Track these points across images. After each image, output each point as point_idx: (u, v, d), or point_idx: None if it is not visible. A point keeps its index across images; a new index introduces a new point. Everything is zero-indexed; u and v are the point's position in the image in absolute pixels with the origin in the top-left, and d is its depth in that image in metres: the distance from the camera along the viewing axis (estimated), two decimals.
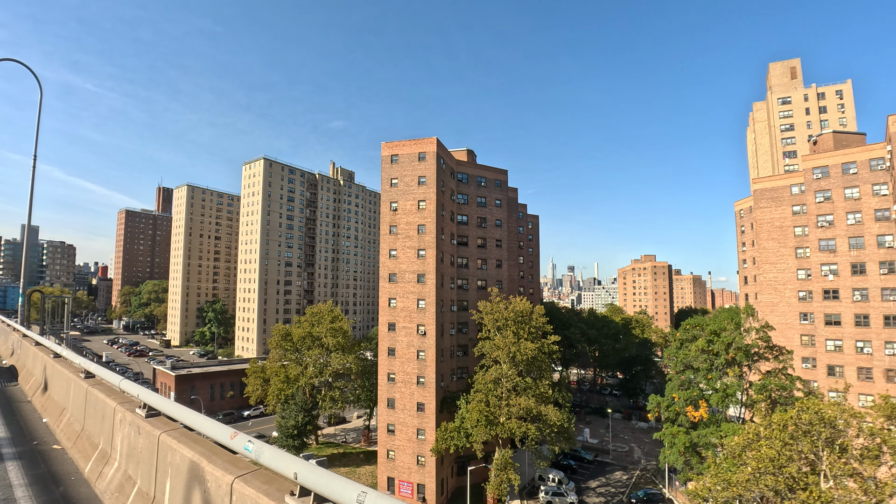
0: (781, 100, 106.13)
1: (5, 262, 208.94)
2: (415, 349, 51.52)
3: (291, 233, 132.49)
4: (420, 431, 50.77)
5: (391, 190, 54.66)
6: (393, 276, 53.48)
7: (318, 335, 66.06)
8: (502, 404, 47.28)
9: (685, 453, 51.15)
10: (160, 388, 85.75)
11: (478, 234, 62.11)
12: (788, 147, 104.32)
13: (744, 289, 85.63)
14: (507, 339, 47.42)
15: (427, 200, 52.62)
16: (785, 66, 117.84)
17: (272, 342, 69.48)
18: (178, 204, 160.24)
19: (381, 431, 52.92)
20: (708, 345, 53.39)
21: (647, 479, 67.02)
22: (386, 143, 55.56)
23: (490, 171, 64.37)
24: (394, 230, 53.97)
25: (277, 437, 59.78)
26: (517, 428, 45.13)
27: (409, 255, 52.77)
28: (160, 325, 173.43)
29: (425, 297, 51.62)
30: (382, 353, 53.40)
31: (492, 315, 49.57)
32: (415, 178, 53.52)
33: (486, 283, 61.92)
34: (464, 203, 61.35)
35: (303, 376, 63.58)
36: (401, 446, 51.41)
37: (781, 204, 70.62)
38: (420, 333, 51.43)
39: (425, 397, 50.78)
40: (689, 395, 52.85)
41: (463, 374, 58.77)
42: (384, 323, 53.48)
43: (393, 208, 54.31)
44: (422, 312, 51.64)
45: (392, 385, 52.39)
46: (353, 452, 67.22)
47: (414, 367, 51.41)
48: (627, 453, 77.59)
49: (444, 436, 47.37)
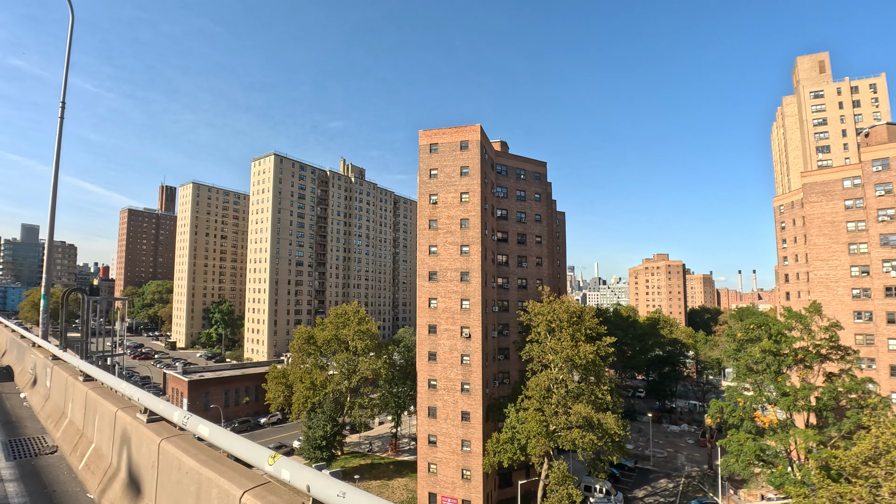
0: (813, 93, 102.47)
1: (5, 263, 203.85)
2: (458, 353, 47.46)
3: (302, 231, 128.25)
4: (465, 443, 46.70)
5: (430, 181, 50.60)
6: (433, 275, 49.40)
7: (344, 338, 61.96)
8: (560, 412, 43.31)
9: (754, 461, 47.29)
10: (171, 394, 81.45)
11: (517, 229, 58.11)
12: (821, 142, 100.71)
13: (784, 287, 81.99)
14: (564, 342, 43.45)
15: (471, 192, 48.60)
16: (813, 59, 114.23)
17: (294, 345, 65.37)
18: (183, 202, 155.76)
19: (421, 443, 48.81)
20: (774, 345, 49.53)
21: (694, 486, 63.28)
22: (424, 132, 51.51)
23: (529, 163, 60.39)
24: (434, 224, 49.89)
25: (304, 448, 55.65)
26: (579, 438, 41.15)
27: (451, 251, 48.72)
28: (165, 326, 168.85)
29: (469, 296, 47.57)
30: (422, 357, 49.30)
31: (544, 316, 45.58)
32: (456, 168, 49.48)
33: (526, 282, 57.95)
34: (503, 196, 57.34)
35: (330, 382, 59.44)
36: (444, 459, 47.33)
37: (833, 198, 66.84)
38: (464, 336, 47.37)
39: (471, 406, 46.72)
40: (755, 398, 49.01)
41: (504, 379, 54.73)
42: (424, 325, 49.39)
43: (432, 201, 50.24)
44: (466, 313, 47.58)
45: (433, 392, 48.31)
46: (381, 463, 63.09)
47: (458, 372, 47.34)
48: (667, 459, 73.79)
49: (496, 448, 43.35)
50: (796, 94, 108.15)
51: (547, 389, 44.35)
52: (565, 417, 42.77)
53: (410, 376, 68.02)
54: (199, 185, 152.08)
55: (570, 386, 43.73)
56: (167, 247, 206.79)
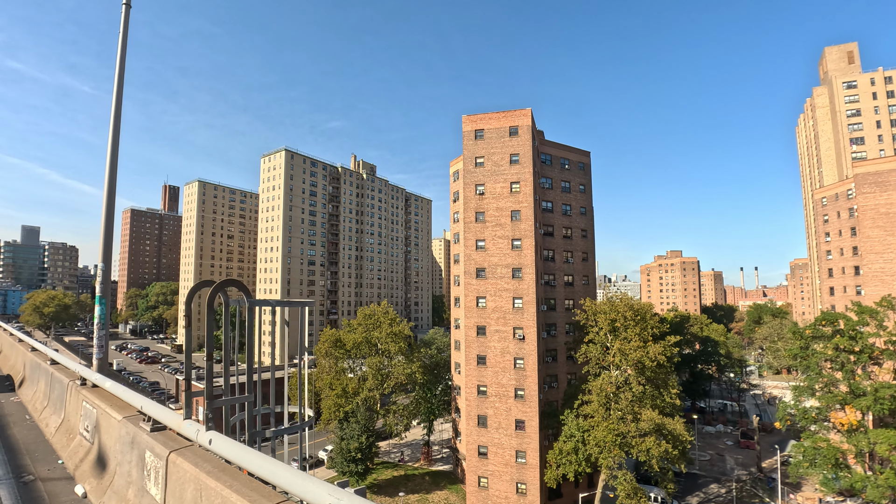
0: (846, 84, 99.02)
1: (5, 265, 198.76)
2: (511, 356, 43.61)
3: (314, 229, 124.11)
4: (520, 454, 42.87)
5: (476, 171, 46.70)
6: (481, 272, 45.52)
7: (375, 341, 57.99)
8: (628, 419, 39.57)
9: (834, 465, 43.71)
10: None
11: (563, 222, 54.26)
12: (855, 133, 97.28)
13: (827, 282, 78.51)
14: (633, 342, 39.71)
15: (522, 182, 44.75)
16: (841, 50, 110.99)
17: (319, 349, 61.32)
18: (188, 201, 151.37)
19: (469, 455, 44.92)
20: (850, 342, 45.95)
21: (748, 491, 59.78)
22: (468, 117, 47.60)
23: (573, 152, 56.56)
24: (481, 217, 46.02)
25: (337, 461, 51.61)
26: (654, 447, 37.41)
27: (500, 245, 44.85)
28: (170, 328, 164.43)
29: (523, 294, 43.73)
30: (470, 361, 45.41)
31: (607, 315, 41.78)
32: (505, 156, 45.61)
33: (572, 279, 54.14)
34: (548, 188, 53.46)
35: (362, 389, 55.46)
36: (495, 472, 43.46)
37: (888, 189, 63.33)
38: (517, 338, 43.51)
39: (526, 413, 42.89)
40: (832, 398, 45.42)
41: (552, 383, 50.90)
42: (471, 326, 45.49)
43: (479, 192, 46.35)
44: (519, 313, 43.73)
45: (483, 399, 44.42)
46: (415, 474, 59.13)
47: (510, 377, 43.49)
48: (711, 462, 70.20)
49: (559, 459, 39.52)
50: (827, 86, 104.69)
51: (612, 394, 40.60)
52: (635, 425, 39.06)
53: (443, 380, 64.22)
54: (204, 184, 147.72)
55: (638, 390, 40.03)
56: (171, 247, 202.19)
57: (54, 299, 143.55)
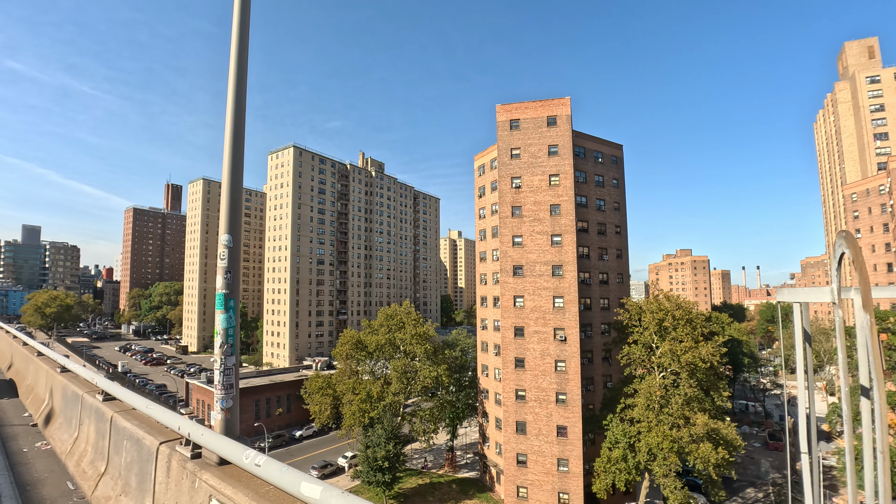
0: (870, 79, 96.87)
1: (5, 265, 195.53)
2: (552, 359, 41.19)
3: (323, 228, 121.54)
4: (562, 462, 40.47)
5: (511, 163, 44.26)
6: (518, 269, 43.08)
7: (399, 342, 55.52)
8: (681, 424, 37.24)
9: None
10: (196, 405, 74.84)
11: (597, 218, 51.85)
12: (879, 128, 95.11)
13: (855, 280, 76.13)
14: (684, 343, 37.37)
15: (562, 174, 42.35)
16: (862, 45, 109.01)
17: (339, 352, 58.78)
18: (192, 199, 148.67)
19: (507, 463, 42.50)
20: None
21: (784, 495, 57.56)
22: (502, 106, 45.14)
23: (606, 145, 54.15)
24: (517, 212, 43.58)
25: (363, 470, 49.08)
26: (711, 454, 35.10)
27: (539, 242, 42.43)
28: (174, 329, 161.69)
29: (564, 293, 41.31)
30: (507, 364, 42.99)
31: (654, 314, 39.41)
32: (543, 147, 43.18)
33: (607, 277, 51.76)
34: (582, 182, 51.01)
35: (387, 393, 52.97)
36: (536, 482, 41.05)
37: None
38: (559, 339, 41.08)
39: (568, 419, 40.47)
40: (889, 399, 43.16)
41: (589, 386, 48.53)
42: (508, 327, 43.06)
43: (515, 185, 43.90)
44: (560, 313, 41.31)
45: (522, 405, 42.00)
46: (442, 482, 56.67)
47: (551, 381, 41.07)
48: (744, 465, 68.01)
49: (608, 468, 37.14)
50: (849, 80, 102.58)
51: (661, 397, 38.23)
52: (687, 430, 36.73)
53: (469, 383, 61.85)
54: (209, 182, 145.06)
55: (691, 392, 37.69)
56: (174, 247, 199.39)
57: (56, 299, 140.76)
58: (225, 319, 4.98)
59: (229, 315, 5.12)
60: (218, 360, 5.04)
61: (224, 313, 5.10)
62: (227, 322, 5.02)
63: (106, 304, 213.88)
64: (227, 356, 4.98)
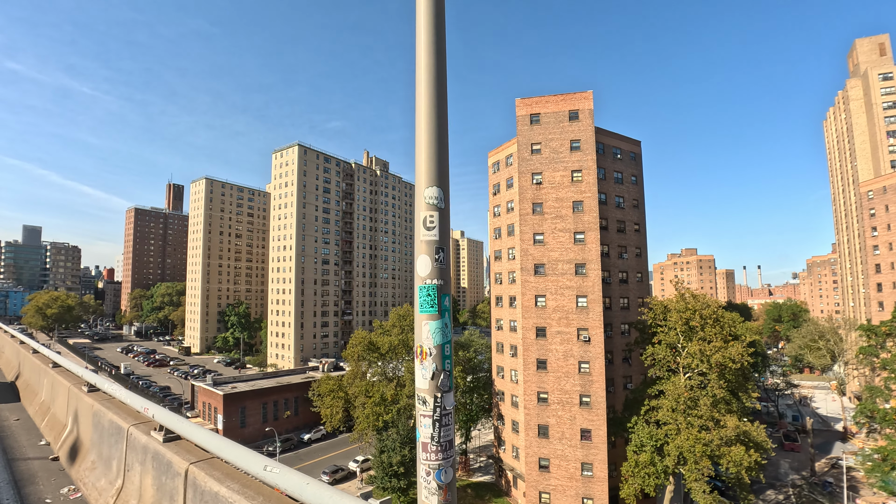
0: (882, 75, 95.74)
1: (6, 266, 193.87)
2: (575, 360, 39.91)
3: (328, 227, 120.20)
4: (585, 466, 39.19)
5: (532, 158, 42.98)
6: (540, 268, 41.80)
7: (413, 344, 54.20)
8: (710, 426, 36.04)
9: None
10: (203, 408, 73.42)
11: (616, 216, 50.60)
12: (892, 126, 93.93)
13: (874, 278, 75.12)
14: (714, 343, 36.17)
15: (584, 170, 41.08)
16: (873, 42, 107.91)
17: (350, 353, 57.48)
18: (195, 199, 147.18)
19: (528, 468, 41.21)
20: None
21: (806, 496, 56.48)
22: (522, 100, 43.87)
23: (624, 142, 52.91)
24: (538, 209, 42.30)
25: (377, 476, 47.75)
26: (744, 457, 33.92)
27: (561, 239, 41.16)
28: (177, 330, 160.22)
29: (587, 292, 40.04)
30: (528, 366, 41.70)
31: (681, 313, 38.18)
32: (565, 142, 41.92)
33: (626, 276, 50.52)
34: (601, 178, 49.80)
35: (401, 396, 51.70)
36: (558, 487, 39.77)
37: None
38: (582, 340, 39.81)
39: (592, 422, 39.21)
40: None
41: (609, 387, 47.23)
42: (529, 328, 41.78)
43: (536, 181, 42.64)
44: (583, 313, 40.04)
45: (544, 408, 40.72)
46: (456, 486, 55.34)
47: (575, 383, 39.80)
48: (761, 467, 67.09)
49: (636, 472, 35.88)
50: (862, 78, 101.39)
51: (689, 399, 37.01)
52: (717, 432, 35.50)
53: (483, 385, 60.63)
54: (212, 181, 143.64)
55: (719, 394, 36.49)
56: (175, 247, 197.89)
57: (57, 300, 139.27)
58: (439, 329, 2.99)
59: (444, 322, 3.05)
60: (428, 401, 2.99)
61: (438, 319, 3.02)
62: (441, 334, 3.00)
63: (107, 305, 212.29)
64: (444, 392, 2.99)
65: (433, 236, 3.04)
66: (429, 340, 3.00)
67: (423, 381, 3.01)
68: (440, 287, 3.00)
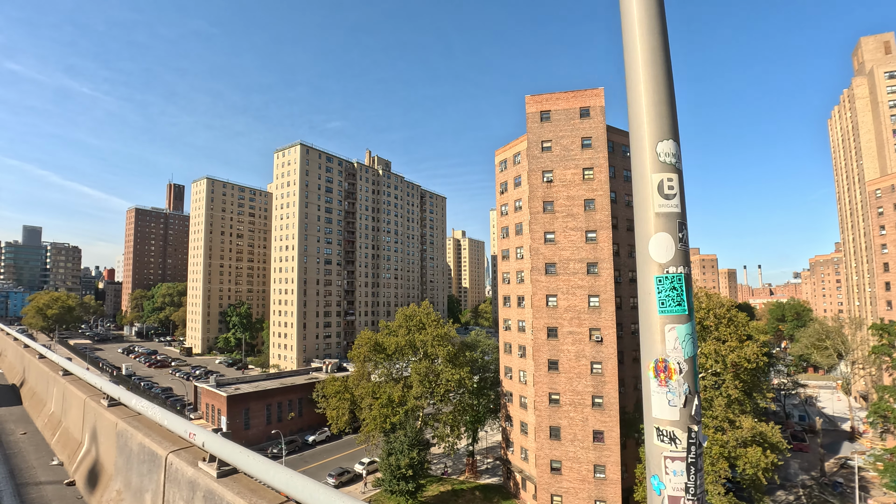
0: (888, 74, 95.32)
1: (6, 266, 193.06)
2: (587, 361, 39.32)
3: (330, 227, 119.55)
4: (598, 468, 38.59)
5: (542, 156, 42.39)
6: (551, 267, 41.20)
7: (420, 344, 53.61)
8: (725, 427, 35.50)
9: None
10: (206, 410, 72.73)
11: (626, 214, 49.96)
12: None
13: (883, 277, 74.57)
14: (729, 342, 35.63)
15: (596, 168, 40.50)
16: (878, 40, 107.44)
17: (356, 354, 56.85)
18: (196, 199, 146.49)
19: (540, 471, 40.61)
20: None
21: (817, 497, 55.96)
22: (532, 97, 43.27)
23: None
24: (549, 207, 41.69)
25: (385, 479, 47.13)
26: (761, 458, 33.35)
27: (573, 238, 40.57)
28: (178, 331, 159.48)
29: (599, 292, 39.45)
30: (539, 367, 41.10)
31: (697, 312, 37.61)
32: (576, 139, 41.32)
33: (635, 276, 49.95)
34: (611, 177, 49.18)
35: (409, 397, 51.05)
36: (571, 489, 39.17)
37: None
38: (594, 340, 39.23)
39: (605, 423, 38.62)
40: None
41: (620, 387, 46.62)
42: (540, 328, 41.18)
43: (546, 179, 42.03)
44: (595, 313, 39.45)
45: (556, 409, 40.11)
46: (464, 489, 54.74)
47: (587, 384, 39.21)
48: None
49: None
50: (868, 76, 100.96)
51: (704, 399, 36.45)
52: (732, 433, 34.93)
53: (490, 386, 60.05)
54: (213, 181, 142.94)
55: (734, 394, 35.93)
56: (176, 247, 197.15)
57: (57, 301, 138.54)
58: (689, 336, 2.22)
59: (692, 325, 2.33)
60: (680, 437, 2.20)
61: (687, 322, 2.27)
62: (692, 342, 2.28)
63: (108, 306, 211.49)
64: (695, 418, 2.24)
65: (674, 207, 2.24)
66: (677, 352, 2.17)
67: (671, 408, 2.17)
68: (686, 275, 2.18)
